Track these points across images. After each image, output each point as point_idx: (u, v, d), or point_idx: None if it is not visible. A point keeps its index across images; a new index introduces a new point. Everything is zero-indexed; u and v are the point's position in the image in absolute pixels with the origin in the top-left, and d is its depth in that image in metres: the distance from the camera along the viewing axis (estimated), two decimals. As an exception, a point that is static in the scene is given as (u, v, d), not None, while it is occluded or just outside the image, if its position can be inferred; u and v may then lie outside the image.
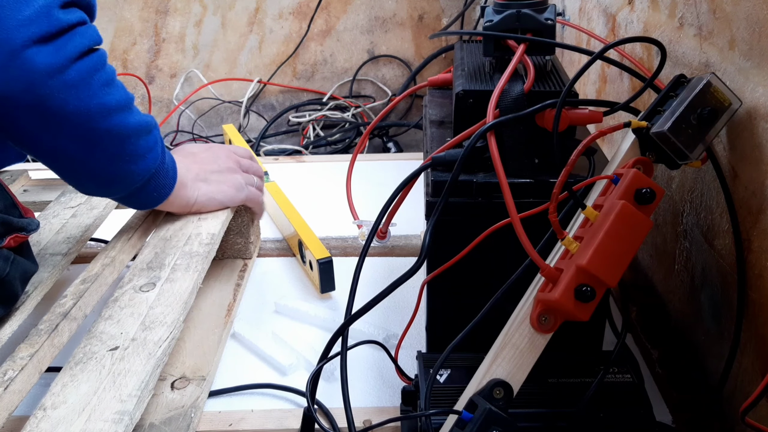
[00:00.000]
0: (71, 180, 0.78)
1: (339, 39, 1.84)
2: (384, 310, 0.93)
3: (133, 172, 0.77)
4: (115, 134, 0.73)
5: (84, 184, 0.79)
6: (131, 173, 0.77)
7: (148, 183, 0.80)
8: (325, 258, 0.95)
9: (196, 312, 0.89)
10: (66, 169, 0.75)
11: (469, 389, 0.58)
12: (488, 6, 0.77)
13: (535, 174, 0.69)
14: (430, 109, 0.90)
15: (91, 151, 0.72)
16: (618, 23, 1.01)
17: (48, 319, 0.70)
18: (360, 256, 0.69)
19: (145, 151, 0.77)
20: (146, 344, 0.66)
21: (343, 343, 0.67)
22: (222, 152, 0.95)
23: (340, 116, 1.80)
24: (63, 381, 0.62)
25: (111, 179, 0.77)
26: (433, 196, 0.70)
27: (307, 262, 1.00)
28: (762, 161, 0.58)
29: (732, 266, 0.64)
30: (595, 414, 0.63)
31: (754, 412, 0.53)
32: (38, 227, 0.76)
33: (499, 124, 0.67)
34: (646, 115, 0.63)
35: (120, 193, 0.80)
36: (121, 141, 0.74)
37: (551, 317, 0.57)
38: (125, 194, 0.80)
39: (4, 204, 0.72)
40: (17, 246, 0.72)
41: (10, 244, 0.71)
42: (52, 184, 1.29)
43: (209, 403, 0.77)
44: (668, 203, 0.81)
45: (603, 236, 0.55)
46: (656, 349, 0.83)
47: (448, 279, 0.70)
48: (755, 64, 0.60)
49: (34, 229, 0.75)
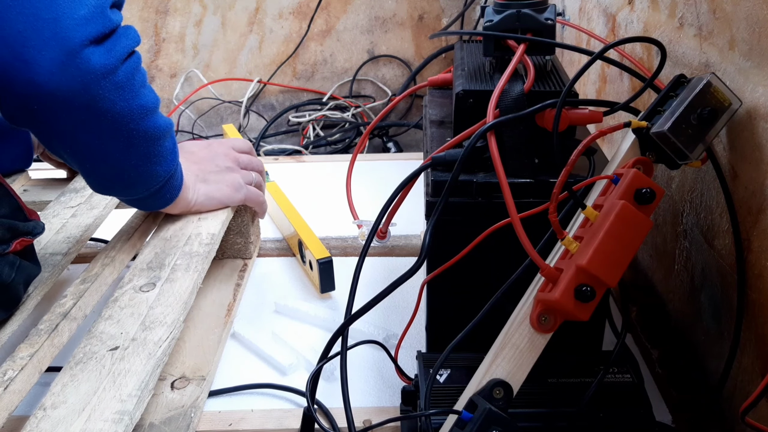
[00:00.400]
0: (97, 178, 0.78)
1: (339, 39, 1.84)
2: (384, 310, 0.93)
3: (157, 173, 0.78)
4: (150, 135, 0.73)
5: (107, 184, 0.79)
6: (155, 174, 0.78)
7: (165, 185, 0.81)
8: (325, 258, 0.95)
9: (196, 312, 0.89)
10: (96, 168, 0.75)
11: (469, 389, 0.58)
12: (488, 6, 0.77)
13: (535, 174, 0.69)
14: (430, 109, 0.90)
15: (127, 151, 0.73)
16: (618, 23, 1.01)
17: (48, 319, 0.70)
18: (360, 256, 0.69)
19: (168, 152, 0.78)
20: (146, 344, 0.66)
21: (343, 343, 0.67)
22: (220, 150, 0.95)
23: (340, 116, 1.80)
24: (63, 381, 0.62)
25: (137, 179, 0.77)
26: (433, 196, 0.70)
27: (307, 262, 1.00)
28: (762, 161, 0.58)
29: (732, 266, 0.64)
30: (595, 414, 0.63)
31: (754, 412, 0.53)
32: (43, 230, 0.76)
33: (499, 124, 0.67)
34: (646, 115, 0.63)
35: (140, 194, 0.80)
36: (153, 141, 0.74)
37: (551, 317, 0.57)
38: (144, 195, 0.80)
39: (9, 208, 0.72)
40: (22, 249, 0.72)
41: (16, 248, 0.70)
42: (52, 184, 1.29)
43: (209, 402, 0.77)
44: (668, 203, 0.81)
45: (603, 236, 0.55)
46: (656, 349, 0.83)
47: (448, 279, 0.70)
48: (755, 64, 0.60)
49: (39, 232, 0.75)
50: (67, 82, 0.63)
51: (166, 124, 0.76)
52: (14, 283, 0.69)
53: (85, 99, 0.65)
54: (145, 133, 0.73)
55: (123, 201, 0.85)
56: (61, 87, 0.63)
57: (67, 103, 0.64)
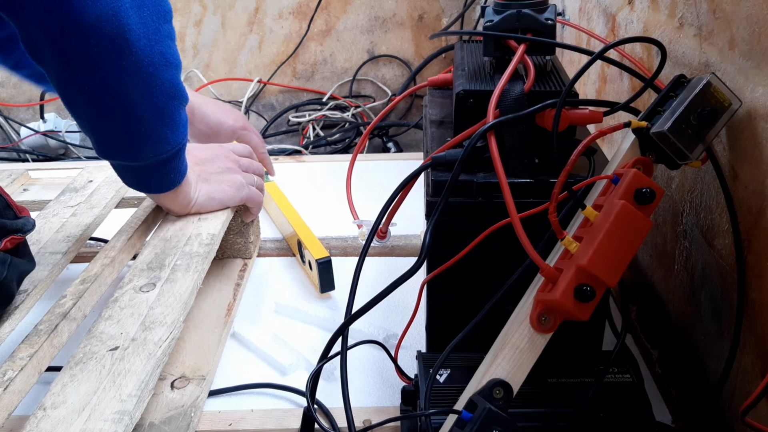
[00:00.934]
0: (107, 133, 0.76)
1: (339, 39, 1.84)
2: (384, 310, 0.93)
3: (168, 138, 0.78)
4: (168, 90, 0.74)
5: (115, 142, 0.77)
6: (166, 139, 0.78)
7: (172, 159, 0.80)
8: (324, 258, 0.95)
9: (196, 312, 0.89)
10: (109, 116, 0.74)
11: (469, 389, 0.58)
12: (488, 6, 0.77)
13: (535, 174, 0.69)
14: (430, 109, 0.90)
15: (144, 99, 0.73)
16: (618, 23, 1.02)
17: (47, 319, 0.70)
18: (360, 256, 0.69)
19: (182, 122, 0.78)
20: (146, 344, 0.66)
21: (343, 343, 0.67)
22: (221, 152, 0.95)
23: (340, 116, 1.80)
24: (63, 381, 0.62)
25: (147, 138, 0.76)
26: (433, 196, 0.70)
27: (306, 262, 1.00)
28: (762, 161, 0.58)
29: (732, 266, 0.64)
30: (595, 414, 0.63)
31: (754, 412, 0.53)
32: (34, 226, 0.76)
33: (499, 124, 0.67)
34: (646, 115, 0.63)
35: (147, 158, 0.78)
36: (170, 98, 0.75)
37: (551, 317, 0.57)
38: (150, 162, 0.79)
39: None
40: (14, 247, 0.72)
41: (7, 246, 0.70)
42: (52, 183, 1.30)
43: (209, 402, 0.77)
44: (668, 203, 0.81)
45: (603, 236, 0.55)
46: (656, 349, 0.83)
47: (448, 279, 0.70)
48: (755, 64, 0.60)
49: (29, 229, 0.75)
50: (98, 7, 0.64)
51: (184, 91, 0.77)
52: (6, 281, 0.69)
53: (113, 27, 0.65)
54: (165, 84, 0.73)
55: (126, 175, 0.83)
56: (92, 11, 0.64)
57: (96, 29, 0.65)
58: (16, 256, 0.72)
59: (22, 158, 1.79)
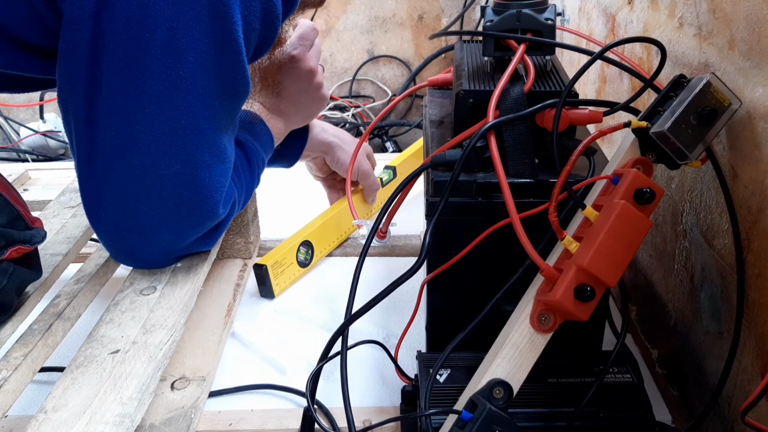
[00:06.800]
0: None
1: (339, 39, 1.84)
2: (384, 310, 0.93)
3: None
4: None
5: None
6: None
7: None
8: (260, 265, 0.95)
9: (197, 312, 0.89)
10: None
11: (469, 389, 0.58)
12: (488, 6, 0.77)
13: (535, 174, 0.69)
14: (430, 109, 0.90)
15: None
16: (618, 23, 1.02)
17: (41, 319, 0.70)
18: (360, 256, 0.69)
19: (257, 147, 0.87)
20: (147, 347, 0.66)
21: (343, 343, 0.67)
22: None
23: (339, 116, 1.80)
24: (64, 384, 0.62)
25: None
26: (433, 196, 0.70)
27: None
28: (762, 161, 0.58)
29: (732, 266, 0.64)
30: (595, 414, 0.63)
31: (754, 412, 0.53)
32: (44, 238, 0.75)
33: (500, 124, 0.67)
34: (646, 115, 0.63)
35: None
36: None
37: (551, 317, 0.57)
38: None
39: (7, 218, 0.71)
40: (21, 257, 0.72)
41: (12, 255, 0.70)
42: (52, 183, 1.30)
43: (209, 403, 0.77)
44: (668, 203, 0.81)
45: (603, 236, 0.55)
46: (656, 349, 0.83)
47: (448, 279, 0.70)
48: (755, 64, 0.60)
49: (39, 240, 0.74)
50: (161, 261, 0.77)
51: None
52: (5, 290, 0.69)
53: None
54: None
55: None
56: (155, 263, 0.77)
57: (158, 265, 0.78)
58: (23, 265, 0.72)
59: (22, 158, 1.80)
